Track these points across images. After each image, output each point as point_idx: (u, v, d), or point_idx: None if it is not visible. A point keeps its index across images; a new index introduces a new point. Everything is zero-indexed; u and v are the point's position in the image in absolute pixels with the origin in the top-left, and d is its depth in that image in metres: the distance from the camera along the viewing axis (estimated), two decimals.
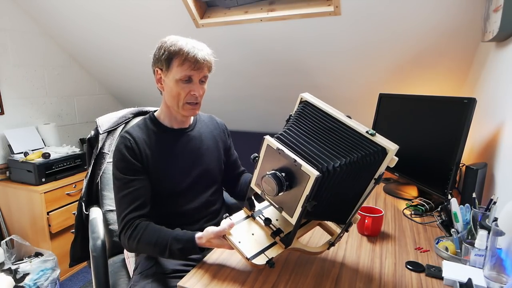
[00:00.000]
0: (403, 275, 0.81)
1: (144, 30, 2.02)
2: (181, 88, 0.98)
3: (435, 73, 1.76)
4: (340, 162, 0.69)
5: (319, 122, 0.79)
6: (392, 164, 0.73)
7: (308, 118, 0.81)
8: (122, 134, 1.03)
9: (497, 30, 1.10)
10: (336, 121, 0.77)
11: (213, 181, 1.14)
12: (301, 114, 0.82)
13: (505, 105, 1.11)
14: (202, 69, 0.98)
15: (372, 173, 0.76)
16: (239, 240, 0.81)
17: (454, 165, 1.08)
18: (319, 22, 1.63)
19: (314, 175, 0.65)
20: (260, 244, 0.80)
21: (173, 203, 1.06)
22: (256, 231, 0.85)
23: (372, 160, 0.72)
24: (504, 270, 0.74)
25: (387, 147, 0.71)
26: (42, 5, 2.06)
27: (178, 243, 0.87)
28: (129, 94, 2.82)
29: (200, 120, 1.17)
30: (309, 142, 0.75)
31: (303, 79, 2.03)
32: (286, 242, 0.79)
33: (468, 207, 0.93)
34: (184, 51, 0.96)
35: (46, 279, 1.85)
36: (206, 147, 1.13)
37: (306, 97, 0.84)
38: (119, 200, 0.98)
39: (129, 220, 0.95)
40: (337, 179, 0.71)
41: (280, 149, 0.73)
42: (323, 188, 0.70)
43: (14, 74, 2.14)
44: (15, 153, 2.07)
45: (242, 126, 2.63)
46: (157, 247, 0.90)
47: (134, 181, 0.98)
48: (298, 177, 0.69)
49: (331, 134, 0.76)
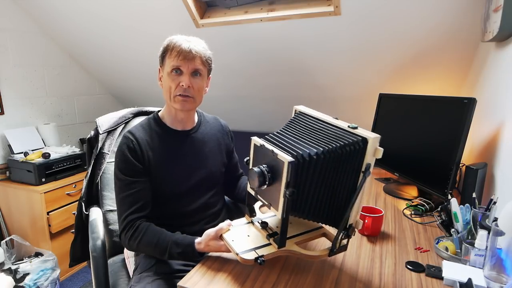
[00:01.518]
0: (403, 275, 0.81)
1: (144, 30, 2.02)
2: (171, 79, 0.98)
3: (435, 73, 1.76)
4: (317, 151, 0.71)
5: (305, 124, 0.84)
6: (378, 155, 0.74)
7: (297, 123, 0.86)
8: (125, 134, 1.02)
9: (497, 30, 1.10)
10: (321, 121, 0.83)
11: (214, 183, 1.13)
12: (292, 121, 0.88)
13: (505, 105, 1.12)
14: (191, 60, 0.97)
15: (357, 165, 0.76)
16: (233, 239, 0.83)
17: (454, 165, 1.08)
18: (319, 22, 1.63)
19: (287, 160, 0.68)
20: (253, 243, 0.82)
21: (174, 204, 1.05)
22: (252, 234, 0.86)
23: (352, 150, 0.73)
24: (504, 270, 0.74)
25: (367, 136, 0.73)
26: (42, 5, 2.06)
27: (178, 247, 0.89)
28: (129, 94, 2.82)
29: (204, 121, 1.16)
30: (292, 139, 0.79)
31: (303, 79, 2.03)
32: (279, 242, 0.79)
33: (468, 207, 0.93)
34: (173, 42, 0.97)
35: (46, 279, 1.85)
36: (209, 149, 1.12)
37: (300, 108, 0.91)
38: (120, 200, 0.98)
39: (130, 221, 0.95)
40: (318, 169, 0.72)
41: (262, 144, 0.78)
42: (303, 176, 0.71)
43: (14, 74, 2.15)
44: (15, 153, 2.07)
45: (242, 126, 2.63)
46: (157, 249, 0.91)
47: (136, 183, 0.98)
48: (278, 168, 0.71)
49: (315, 132, 0.81)
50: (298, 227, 0.89)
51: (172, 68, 0.97)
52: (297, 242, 0.83)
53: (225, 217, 1.18)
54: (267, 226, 0.86)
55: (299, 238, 0.85)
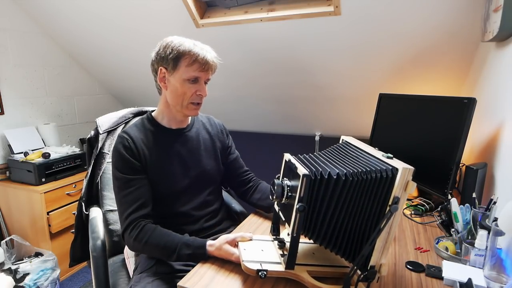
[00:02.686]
0: (403, 275, 0.81)
1: (144, 30, 2.02)
2: (187, 88, 0.99)
3: (435, 73, 1.76)
4: (339, 172, 0.69)
5: (343, 151, 0.85)
6: (410, 190, 0.68)
7: (336, 149, 0.87)
8: (120, 134, 1.03)
9: (497, 30, 1.10)
10: (360, 149, 0.83)
11: (210, 181, 1.13)
12: (333, 148, 0.88)
13: (505, 105, 1.11)
14: (208, 71, 1.00)
15: (383, 196, 0.70)
16: (245, 248, 0.83)
17: (454, 165, 1.08)
18: (319, 22, 1.63)
19: (302, 173, 0.68)
20: (262, 257, 0.80)
21: (170, 203, 1.05)
22: (267, 249, 0.84)
23: (378, 177, 0.69)
24: (504, 270, 0.74)
25: (399, 166, 0.68)
26: (42, 5, 2.06)
27: (188, 248, 0.88)
28: (129, 94, 2.82)
29: (198, 120, 1.17)
30: (322, 160, 0.79)
31: (303, 79, 2.03)
32: (288, 263, 0.76)
33: (468, 207, 0.93)
34: (193, 52, 0.97)
35: (46, 279, 1.85)
36: (204, 147, 1.13)
37: (346, 139, 0.91)
38: (120, 199, 0.98)
39: (133, 220, 0.94)
40: (337, 191, 0.69)
41: (289, 159, 0.79)
42: (320, 195, 0.70)
43: (14, 74, 2.14)
44: (15, 153, 2.07)
45: (242, 126, 2.63)
46: (165, 251, 0.90)
47: (134, 180, 0.98)
48: (297, 182, 0.71)
49: (348, 158, 0.80)
50: (321, 259, 0.83)
51: (191, 77, 0.99)
52: (310, 271, 0.77)
53: (223, 215, 1.18)
54: (284, 246, 0.83)
55: (315, 268, 0.78)
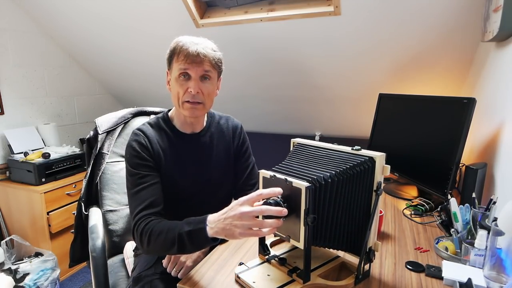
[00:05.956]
0: (403, 275, 0.81)
1: (144, 30, 2.02)
2: (179, 85, 0.94)
3: (435, 73, 1.76)
4: (330, 174, 0.72)
5: (309, 153, 0.86)
6: (386, 172, 0.78)
7: (300, 153, 0.88)
8: (135, 131, 1.00)
9: (497, 30, 1.10)
10: (324, 148, 0.86)
11: (218, 191, 1.09)
12: (293, 152, 0.89)
13: (505, 105, 1.11)
14: (199, 64, 0.92)
15: (368, 184, 0.78)
16: (254, 281, 0.76)
17: (454, 165, 1.08)
18: (319, 22, 1.63)
19: (304, 186, 0.67)
20: (276, 282, 0.76)
21: (176, 209, 1.02)
22: (272, 272, 0.81)
23: (362, 170, 0.75)
24: (504, 270, 0.74)
25: (374, 155, 0.77)
26: (42, 5, 2.07)
27: (188, 225, 0.79)
28: (129, 94, 2.82)
29: (214, 123, 1.10)
30: (300, 167, 0.80)
31: (303, 79, 2.03)
32: (304, 276, 0.75)
33: (468, 207, 0.93)
34: (180, 45, 0.93)
35: (46, 279, 1.85)
36: (216, 153, 1.08)
37: (297, 140, 0.93)
38: (132, 196, 0.94)
39: (142, 217, 0.89)
40: (333, 193, 0.72)
41: (272, 175, 0.75)
42: (321, 201, 0.71)
43: (14, 74, 2.15)
44: (15, 153, 2.07)
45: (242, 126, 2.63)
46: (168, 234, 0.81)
47: (147, 177, 0.95)
48: (294, 196, 0.69)
49: (321, 158, 0.82)
50: (315, 260, 0.85)
51: (180, 72, 0.93)
52: (319, 275, 0.79)
53: None
54: (286, 262, 0.82)
55: (320, 270, 0.81)
